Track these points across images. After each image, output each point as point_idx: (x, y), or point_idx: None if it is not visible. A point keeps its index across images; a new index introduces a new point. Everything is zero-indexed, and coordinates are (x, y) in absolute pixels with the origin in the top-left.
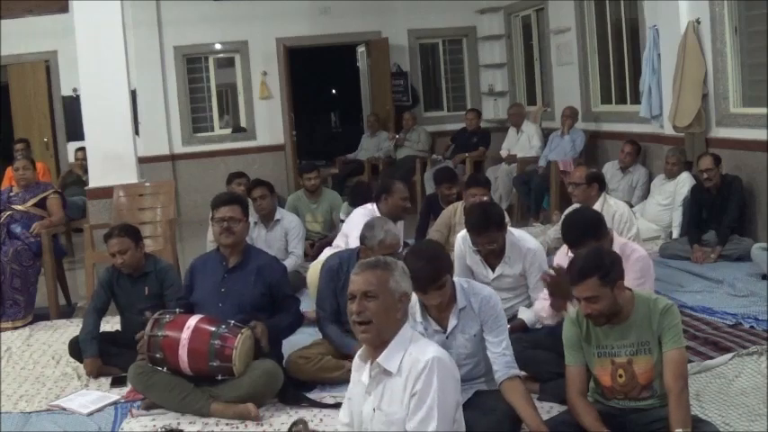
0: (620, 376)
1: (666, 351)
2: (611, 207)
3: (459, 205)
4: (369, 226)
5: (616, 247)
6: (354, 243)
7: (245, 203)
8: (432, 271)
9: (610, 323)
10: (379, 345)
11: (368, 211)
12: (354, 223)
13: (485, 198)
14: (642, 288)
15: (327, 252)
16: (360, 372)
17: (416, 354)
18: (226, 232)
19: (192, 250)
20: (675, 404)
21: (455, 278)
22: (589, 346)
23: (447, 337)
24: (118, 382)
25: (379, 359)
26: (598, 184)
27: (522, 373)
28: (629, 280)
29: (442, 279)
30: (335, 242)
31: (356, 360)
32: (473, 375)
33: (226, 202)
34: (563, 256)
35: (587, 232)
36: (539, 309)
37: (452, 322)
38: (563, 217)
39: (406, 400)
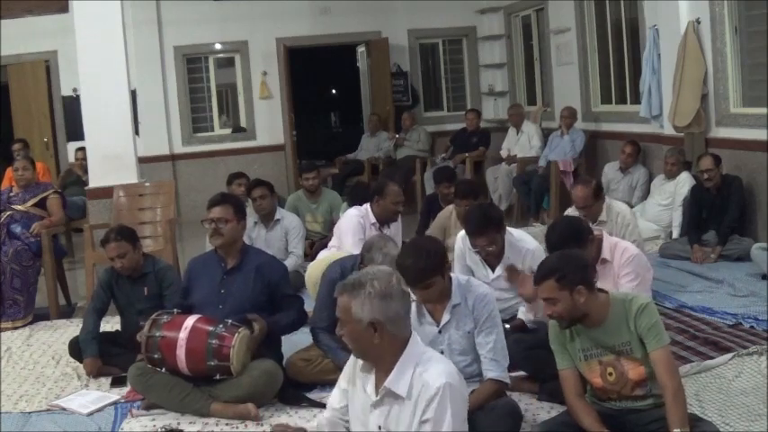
0: (610, 374)
1: (651, 352)
2: (612, 209)
3: (453, 208)
4: (367, 247)
5: (606, 249)
6: (346, 248)
7: (239, 204)
8: (417, 272)
9: (583, 325)
10: (380, 366)
11: (360, 212)
12: (345, 227)
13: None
14: (641, 287)
15: (324, 254)
16: (364, 380)
17: (426, 376)
18: (215, 234)
19: (192, 250)
20: (672, 403)
21: (454, 274)
22: (574, 349)
23: (440, 332)
24: (118, 382)
25: (387, 383)
26: (601, 191)
27: (501, 376)
28: (623, 282)
29: (428, 281)
30: (331, 243)
31: (361, 364)
32: (469, 374)
33: (216, 203)
34: None
35: (567, 240)
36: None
37: (445, 317)
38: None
39: (415, 425)
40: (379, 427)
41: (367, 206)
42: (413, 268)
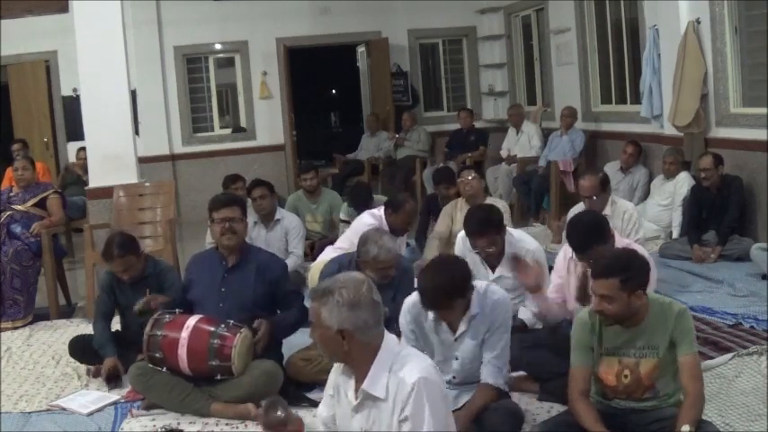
0: (626, 377)
1: (682, 356)
2: (619, 207)
3: (460, 200)
4: (363, 240)
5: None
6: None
7: (244, 204)
8: (437, 297)
9: (621, 325)
10: (356, 370)
11: (375, 219)
12: (358, 228)
13: (475, 178)
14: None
15: (329, 251)
16: (346, 385)
17: (401, 374)
18: (228, 233)
19: (192, 250)
20: (691, 404)
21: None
22: (599, 345)
23: (455, 340)
24: (113, 380)
25: (365, 386)
26: (608, 183)
27: (499, 384)
28: None
29: (454, 303)
30: (338, 243)
31: (342, 368)
32: (476, 378)
33: (227, 203)
34: (562, 258)
35: (591, 237)
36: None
37: (462, 328)
38: (568, 222)
39: (394, 424)
40: (362, 430)
41: (382, 213)
42: (434, 292)
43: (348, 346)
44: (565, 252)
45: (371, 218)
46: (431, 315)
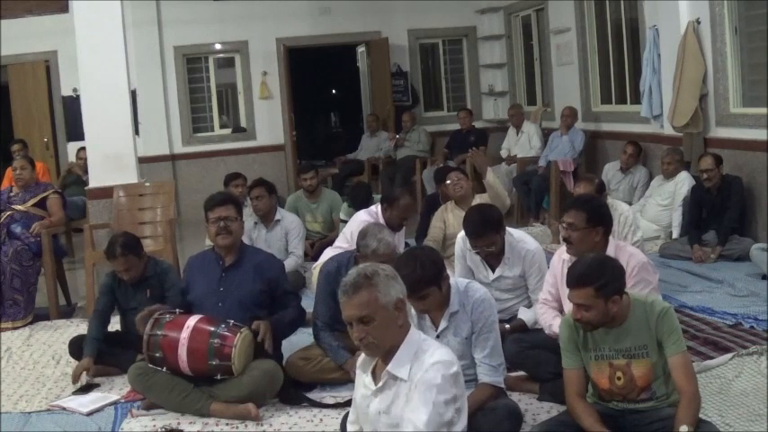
0: (619, 379)
1: (670, 356)
2: (615, 209)
3: (450, 202)
4: (362, 234)
5: (610, 251)
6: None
7: (239, 203)
8: (411, 283)
9: (604, 327)
10: (384, 355)
11: (372, 213)
12: (354, 226)
13: (463, 179)
14: (653, 292)
15: (328, 252)
16: (363, 376)
17: (424, 357)
18: (223, 232)
19: (192, 250)
20: (687, 404)
21: (453, 279)
22: (586, 350)
23: (438, 336)
24: (85, 389)
25: (389, 367)
26: (603, 189)
27: (496, 381)
28: (636, 291)
29: (423, 292)
30: (337, 242)
31: (361, 360)
32: (468, 377)
33: (222, 201)
34: (557, 257)
35: (582, 201)
36: (539, 313)
37: (442, 325)
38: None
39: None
40: (380, 413)
41: (378, 210)
42: (407, 279)
43: (403, 318)
44: (560, 251)
45: (367, 215)
46: (413, 311)
